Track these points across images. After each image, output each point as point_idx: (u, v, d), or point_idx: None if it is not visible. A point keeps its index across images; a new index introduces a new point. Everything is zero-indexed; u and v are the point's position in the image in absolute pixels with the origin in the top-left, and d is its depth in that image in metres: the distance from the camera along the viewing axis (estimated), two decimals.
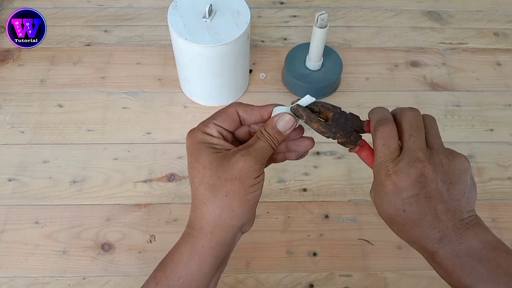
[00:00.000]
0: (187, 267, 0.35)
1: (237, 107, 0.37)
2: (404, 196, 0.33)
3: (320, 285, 0.52)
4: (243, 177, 0.34)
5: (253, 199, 0.35)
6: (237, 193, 0.34)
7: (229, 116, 0.36)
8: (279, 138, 0.36)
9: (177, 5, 0.58)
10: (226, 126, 0.36)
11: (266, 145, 0.35)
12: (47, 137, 0.62)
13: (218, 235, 0.35)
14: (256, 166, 0.34)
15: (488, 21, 0.77)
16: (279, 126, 0.36)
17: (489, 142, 0.64)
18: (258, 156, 0.34)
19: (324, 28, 0.60)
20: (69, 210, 0.56)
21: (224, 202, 0.34)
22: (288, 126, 0.36)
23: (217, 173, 0.34)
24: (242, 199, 0.34)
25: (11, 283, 0.51)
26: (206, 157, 0.35)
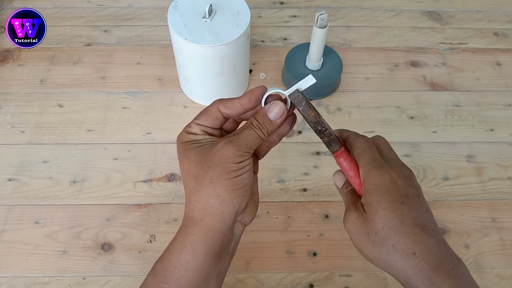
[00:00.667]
0: (181, 256, 0.36)
1: (218, 105, 0.37)
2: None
3: (320, 285, 0.52)
4: (224, 162, 0.34)
5: (240, 183, 0.35)
6: (220, 178, 0.34)
7: (211, 115, 0.37)
8: (270, 127, 0.36)
9: (177, 5, 0.58)
10: (209, 124, 0.37)
11: (253, 134, 0.36)
12: (47, 137, 0.62)
13: (209, 222, 0.35)
14: (237, 152, 0.35)
15: (488, 21, 0.77)
16: (270, 115, 0.36)
17: (489, 142, 0.64)
18: (241, 143, 0.35)
19: (324, 28, 0.60)
20: (69, 210, 0.56)
21: (209, 188, 0.35)
22: (279, 115, 0.36)
23: (200, 163, 0.35)
24: (226, 183, 0.35)
25: (11, 283, 0.51)
26: (191, 151, 0.36)
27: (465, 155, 0.62)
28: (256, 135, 0.36)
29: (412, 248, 0.33)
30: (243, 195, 0.36)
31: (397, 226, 0.33)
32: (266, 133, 0.36)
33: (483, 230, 0.56)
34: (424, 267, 0.32)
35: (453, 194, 0.59)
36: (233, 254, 0.38)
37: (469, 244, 0.55)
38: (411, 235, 0.33)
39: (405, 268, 0.33)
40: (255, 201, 0.39)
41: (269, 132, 0.36)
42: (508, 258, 0.54)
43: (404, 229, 0.33)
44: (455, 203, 0.58)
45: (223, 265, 0.37)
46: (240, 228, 0.38)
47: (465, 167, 0.61)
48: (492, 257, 0.54)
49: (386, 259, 0.34)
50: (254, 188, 0.39)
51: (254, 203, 0.39)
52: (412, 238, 0.33)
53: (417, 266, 0.32)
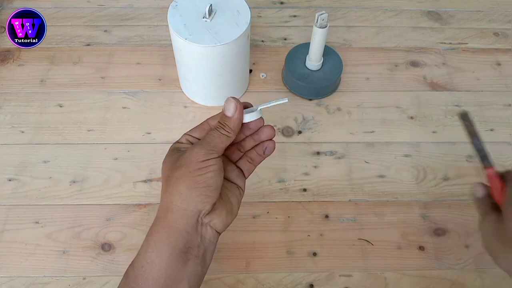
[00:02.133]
0: (147, 254, 0.37)
1: (208, 119, 0.42)
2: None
3: (320, 285, 0.52)
4: (188, 162, 0.37)
5: (202, 182, 0.37)
6: (184, 176, 0.37)
7: (201, 127, 0.41)
8: (230, 123, 0.39)
9: (177, 5, 0.58)
10: (195, 135, 0.41)
11: (216, 133, 0.39)
12: (47, 137, 0.62)
13: (170, 219, 0.37)
14: (201, 152, 0.37)
15: (488, 21, 0.77)
16: (226, 112, 0.39)
17: (489, 142, 0.63)
18: (205, 144, 0.38)
19: (324, 28, 0.60)
20: (69, 210, 0.56)
21: (174, 187, 0.37)
22: (233, 109, 0.39)
23: (171, 165, 0.38)
24: (189, 181, 0.36)
25: (11, 283, 0.51)
26: (169, 157, 0.39)
27: (465, 155, 0.62)
28: (219, 134, 0.39)
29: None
30: (206, 194, 0.37)
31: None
32: (229, 130, 0.39)
33: None
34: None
35: (453, 194, 0.59)
36: (205, 260, 0.39)
37: (469, 244, 0.55)
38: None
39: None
40: (229, 208, 0.40)
41: (232, 129, 0.39)
42: None
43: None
44: (455, 203, 0.58)
45: (194, 268, 0.38)
46: (210, 232, 0.38)
47: (465, 167, 0.61)
48: None
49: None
50: (229, 195, 0.41)
51: (226, 209, 0.39)
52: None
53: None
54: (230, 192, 0.41)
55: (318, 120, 0.65)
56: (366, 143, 0.63)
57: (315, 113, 0.65)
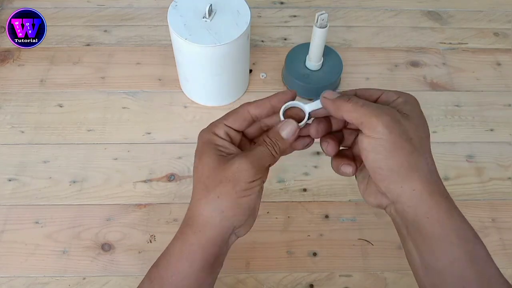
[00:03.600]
0: (178, 264, 0.36)
1: (248, 106, 0.37)
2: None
3: (320, 285, 0.52)
4: (236, 180, 0.34)
5: (246, 203, 0.35)
6: (228, 195, 0.34)
7: (240, 116, 0.37)
8: (282, 145, 0.36)
9: (177, 5, 0.58)
10: (236, 126, 0.37)
11: (266, 151, 0.35)
12: (47, 137, 0.62)
13: (208, 235, 0.35)
14: (251, 170, 0.34)
15: (488, 21, 0.77)
16: (282, 133, 0.36)
17: (489, 142, 0.64)
18: (255, 161, 0.34)
19: (324, 28, 0.60)
20: (69, 210, 0.56)
21: (215, 202, 0.35)
22: (291, 133, 0.36)
23: (213, 174, 0.35)
24: (233, 201, 0.34)
25: (11, 283, 0.51)
26: (208, 157, 0.35)
27: (465, 155, 0.62)
28: (269, 153, 0.35)
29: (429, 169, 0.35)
30: (246, 214, 0.36)
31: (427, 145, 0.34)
32: (279, 151, 0.36)
33: (483, 230, 0.56)
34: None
35: (453, 194, 0.58)
36: (222, 264, 0.38)
37: None
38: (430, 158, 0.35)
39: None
40: (254, 215, 0.38)
41: (282, 150, 0.36)
42: (508, 258, 0.54)
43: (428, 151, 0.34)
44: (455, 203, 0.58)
45: (215, 276, 0.38)
46: (234, 239, 0.38)
47: (465, 167, 0.61)
48: (492, 257, 0.54)
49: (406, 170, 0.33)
50: (257, 204, 0.38)
51: (253, 217, 0.38)
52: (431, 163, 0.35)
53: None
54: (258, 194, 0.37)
55: None
56: None
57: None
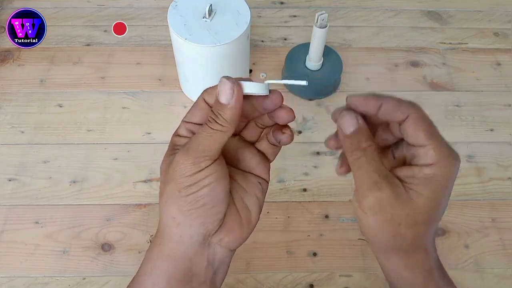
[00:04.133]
0: (144, 279, 0.31)
1: (203, 94, 0.32)
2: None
3: (320, 285, 0.52)
4: (175, 177, 0.29)
5: (197, 202, 0.29)
6: (173, 197, 0.29)
7: (197, 107, 0.32)
8: (225, 114, 0.29)
9: (177, 5, 0.58)
10: (195, 119, 0.32)
11: (207, 131, 0.29)
12: (47, 137, 0.62)
13: (167, 247, 0.31)
14: (186, 162, 0.28)
15: (488, 21, 0.77)
16: (220, 98, 0.29)
17: (489, 142, 0.64)
18: (192, 150, 0.29)
19: (324, 28, 0.60)
20: (69, 210, 0.56)
21: (165, 208, 0.30)
22: (229, 94, 0.28)
23: (163, 176, 0.31)
24: (179, 202, 0.29)
25: (11, 283, 0.51)
26: (165, 160, 0.32)
27: (465, 155, 0.62)
28: (210, 132, 0.29)
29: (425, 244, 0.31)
30: (205, 214, 0.29)
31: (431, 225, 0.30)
32: (224, 122, 0.29)
33: (483, 230, 0.56)
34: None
35: (453, 194, 0.58)
36: (215, 283, 0.32)
37: (469, 244, 0.55)
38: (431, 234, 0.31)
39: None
40: (245, 218, 0.32)
41: (228, 121, 0.29)
42: (508, 258, 0.54)
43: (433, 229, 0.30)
44: (455, 203, 0.58)
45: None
46: (220, 252, 0.31)
47: (465, 167, 0.61)
48: (492, 257, 0.54)
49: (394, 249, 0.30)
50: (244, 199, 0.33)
51: (240, 220, 0.32)
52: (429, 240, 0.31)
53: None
54: (247, 192, 0.32)
55: (318, 120, 0.65)
56: None
57: (315, 113, 0.65)
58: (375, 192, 0.28)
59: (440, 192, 0.29)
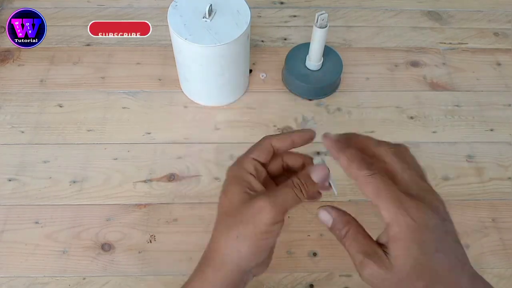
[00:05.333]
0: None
1: (270, 139, 0.37)
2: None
3: (320, 285, 0.52)
4: (256, 222, 0.33)
5: (265, 245, 0.35)
6: (248, 237, 0.34)
7: (264, 148, 0.37)
8: (311, 188, 0.35)
9: (177, 5, 0.58)
10: (262, 159, 0.37)
11: (291, 193, 0.34)
12: (47, 137, 0.62)
13: (225, 273, 0.35)
14: (271, 213, 0.33)
15: (488, 21, 0.77)
16: (313, 176, 0.36)
17: (489, 142, 0.64)
18: (278, 203, 0.33)
19: (324, 28, 0.60)
20: (69, 210, 0.56)
21: (234, 242, 0.34)
22: (323, 178, 0.36)
23: (235, 212, 0.34)
24: (252, 243, 0.34)
25: (11, 283, 0.51)
26: (233, 193, 0.35)
27: (465, 155, 0.62)
28: (295, 196, 0.34)
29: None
30: (262, 256, 0.36)
31: (432, 277, 0.30)
32: (306, 194, 0.35)
33: (483, 230, 0.56)
34: None
35: (453, 194, 0.59)
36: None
37: (469, 244, 0.55)
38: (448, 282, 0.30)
39: None
40: (271, 255, 0.38)
41: (308, 194, 0.35)
42: (508, 258, 0.54)
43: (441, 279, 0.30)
44: (455, 203, 0.58)
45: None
46: (250, 278, 0.38)
47: (465, 167, 0.61)
48: (492, 257, 0.54)
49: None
50: (275, 245, 0.38)
51: (270, 257, 0.38)
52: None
53: None
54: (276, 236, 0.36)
55: (318, 120, 0.65)
56: None
57: (315, 113, 0.65)
58: (364, 269, 0.31)
59: (412, 246, 0.30)
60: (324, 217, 0.35)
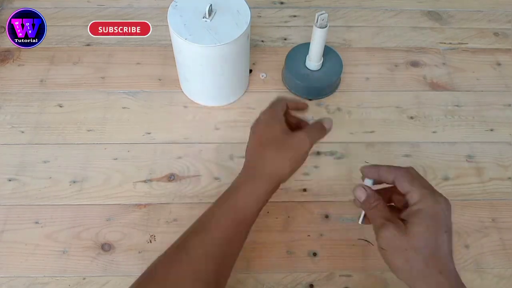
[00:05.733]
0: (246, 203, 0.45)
1: (286, 99, 0.49)
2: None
3: (320, 285, 0.52)
4: (299, 149, 0.45)
5: (299, 166, 0.46)
6: (292, 158, 0.45)
7: (285, 102, 0.49)
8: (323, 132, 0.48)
9: (177, 5, 0.58)
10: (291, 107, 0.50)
11: (318, 131, 0.48)
12: (47, 137, 0.62)
13: (269, 184, 0.45)
14: (309, 144, 0.46)
15: (488, 21, 0.77)
16: (325, 124, 0.48)
17: (489, 142, 0.64)
18: (311, 137, 0.46)
19: (324, 28, 0.60)
20: (69, 210, 0.56)
21: (281, 162, 0.45)
22: (331, 126, 0.48)
23: (281, 140, 0.45)
24: (293, 164, 0.45)
25: (11, 283, 0.51)
26: (275, 127, 0.46)
27: (465, 155, 0.62)
28: (320, 133, 0.48)
29: (439, 269, 0.38)
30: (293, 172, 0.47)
31: (434, 251, 0.38)
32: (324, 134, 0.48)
33: (483, 230, 0.56)
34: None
35: (453, 194, 0.59)
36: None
37: (469, 244, 0.55)
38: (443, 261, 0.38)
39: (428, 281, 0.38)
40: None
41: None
42: (508, 258, 0.54)
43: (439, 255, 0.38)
44: (455, 203, 0.57)
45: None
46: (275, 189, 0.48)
47: (465, 167, 0.61)
48: (492, 257, 0.54)
49: (415, 274, 0.38)
50: None
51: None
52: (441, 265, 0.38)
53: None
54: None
55: None
56: (366, 143, 0.63)
57: (315, 113, 0.65)
58: (383, 231, 0.39)
59: (430, 221, 0.38)
60: (359, 192, 0.43)
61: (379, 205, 0.42)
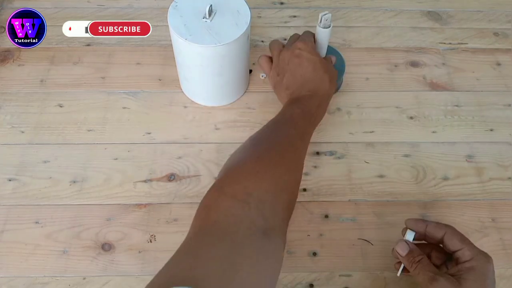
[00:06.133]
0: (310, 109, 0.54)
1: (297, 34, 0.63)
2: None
3: (320, 285, 0.52)
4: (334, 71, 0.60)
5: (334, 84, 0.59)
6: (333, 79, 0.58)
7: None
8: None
9: (177, 5, 0.58)
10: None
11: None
12: (47, 137, 0.62)
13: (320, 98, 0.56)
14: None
15: (488, 21, 0.77)
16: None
17: (489, 142, 0.64)
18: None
19: (328, 28, 0.60)
20: (69, 210, 0.56)
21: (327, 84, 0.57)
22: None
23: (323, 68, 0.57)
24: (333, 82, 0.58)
25: (11, 283, 0.51)
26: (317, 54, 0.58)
27: (465, 155, 0.62)
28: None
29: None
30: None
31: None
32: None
33: (483, 230, 0.56)
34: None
35: (453, 194, 0.59)
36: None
37: None
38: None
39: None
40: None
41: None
42: (508, 258, 0.54)
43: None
44: (455, 203, 0.58)
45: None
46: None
47: (465, 167, 0.61)
48: (492, 257, 0.54)
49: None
50: None
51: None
52: None
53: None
54: None
55: None
56: (366, 143, 0.63)
57: None
58: (436, 285, 0.43)
59: (481, 277, 0.43)
60: (402, 246, 0.47)
61: (423, 259, 0.45)
